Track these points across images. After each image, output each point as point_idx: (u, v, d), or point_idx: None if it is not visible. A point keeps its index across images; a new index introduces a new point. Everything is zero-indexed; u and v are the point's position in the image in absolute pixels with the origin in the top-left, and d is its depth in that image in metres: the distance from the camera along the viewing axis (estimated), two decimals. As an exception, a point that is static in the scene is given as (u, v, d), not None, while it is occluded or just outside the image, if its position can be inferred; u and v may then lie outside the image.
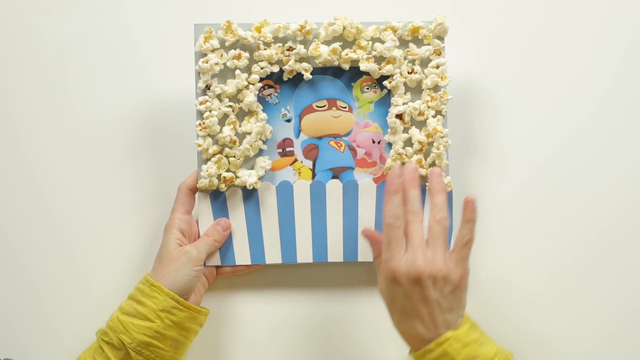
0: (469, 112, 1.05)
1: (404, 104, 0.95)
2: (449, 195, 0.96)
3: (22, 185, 1.03)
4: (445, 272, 0.82)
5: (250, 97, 0.93)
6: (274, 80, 0.97)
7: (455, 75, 0.99)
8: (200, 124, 0.93)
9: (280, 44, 0.94)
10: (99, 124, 1.04)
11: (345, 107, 0.97)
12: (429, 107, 0.95)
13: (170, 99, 1.04)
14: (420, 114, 0.95)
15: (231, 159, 0.94)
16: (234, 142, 0.94)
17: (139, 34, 1.06)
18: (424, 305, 0.81)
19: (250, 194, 0.96)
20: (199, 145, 0.93)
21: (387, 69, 0.94)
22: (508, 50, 1.06)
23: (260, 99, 0.96)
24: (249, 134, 0.94)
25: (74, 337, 1.00)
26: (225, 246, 0.96)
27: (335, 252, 0.96)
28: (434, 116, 0.95)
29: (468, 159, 1.03)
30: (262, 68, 0.94)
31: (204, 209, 0.96)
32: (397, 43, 0.94)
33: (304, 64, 0.94)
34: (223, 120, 0.95)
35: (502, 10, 1.07)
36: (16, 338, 1.01)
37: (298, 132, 0.97)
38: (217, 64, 0.93)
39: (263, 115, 0.94)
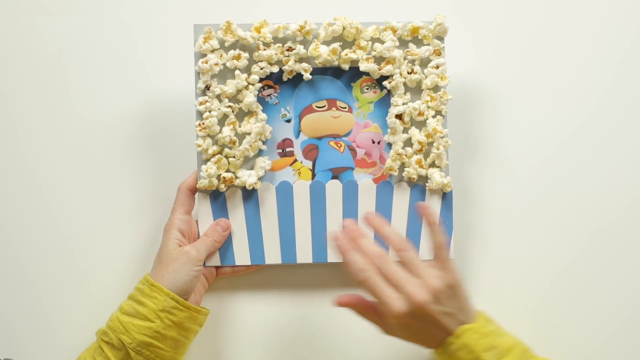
0: (469, 112, 1.05)
1: (403, 104, 0.95)
2: (449, 195, 0.96)
3: (22, 185, 1.03)
4: (441, 286, 0.82)
5: (249, 98, 0.93)
6: (273, 80, 0.97)
7: (455, 75, 0.99)
8: (199, 124, 0.93)
9: (280, 44, 0.94)
10: (98, 124, 1.04)
11: (345, 108, 0.97)
12: (428, 107, 0.95)
13: (170, 99, 1.04)
14: (420, 114, 0.95)
15: (231, 159, 0.94)
16: (234, 143, 0.93)
17: (139, 34, 1.06)
18: (438, 322, 0.82)
19: (250, 194, 0.96)
20: (199, 146, 0.93)
21: (386, 69, 0.94)
22: (508, 51, 1.06)
23: (260, 99, 0.96)
24: (249, 134, 0.94)
25: (74, 337, 1.00)
26: (225, 246, 0.96)
27: (334, 253, 0.95)
28: (433, 116, 0.95)
29: (468, 159, 1.03)
30: (261, 68, 0.94)
31: (203, 209, 0.95)
32: (397, 43, 0.94)
33: (304, 64, 0.94)
34: (223, 120, 0.94)
35: (502, 10, 1.07)
36: (16, 338, 1.01)
37: (298, 133, 0.97)
38: (216, 64, 0.93)
39: (263, 116, 0.94)
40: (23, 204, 1.03)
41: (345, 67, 0.95)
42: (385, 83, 0.95)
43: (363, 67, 0.94)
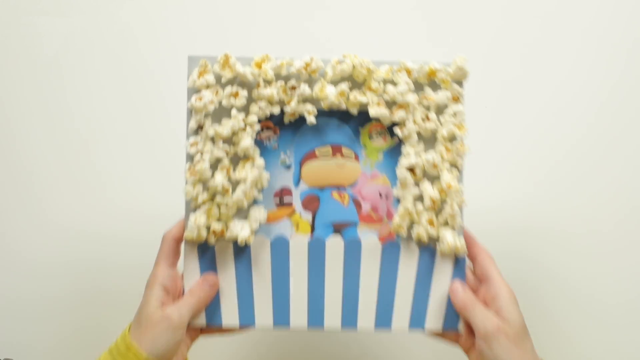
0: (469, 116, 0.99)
1: (415, 154, 0.85)
2: (462, 262, 0.86)
3: (20, 185, 1.07)
4: None
5: (246, 141, 0.84)
6: (273, 121, 0.87)
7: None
8: (189, 169, 0.84)
9: (283, 82, 0.84)
10: (95, 124, 1.07)
11: (351, 155, 0.88)
12: (443, 159, 0.85)
13: (167, 101, 1.06)
14: (434, 166, 0.85)
15: (222, 207, 0.86)
16: (227, 191, 0.85)
17: (139, 35, 1.08)
18: None
19: (242, 248, 0.87)
20: (188, 193, 0.84)
21: (399, 115, 0.84)
22: (508, 55, 1.06)
23: (257, 142, 0.87)
24: (244, 181, 0.85)
25: (73, 337, 1.02)
26: (212, 304, 0.87)
27: (332, 318, 0.87)
28: (448, 170, 0.85)
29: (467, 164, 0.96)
30: (260, 108, 0.85)
31: (190, 262, 0.87)
32: (412, 86, 0.84)
33: (308, 106, 0.85)
34: (215, 164, 0.86)
35: (501, 12, 1.08)
36: (16, 338, 1.03)
37: (298, 181, 0.88)
38: (211, 102, 0.84)
39: (260, 162, 0.85)
40: (21, 204, 1.07)
41: (354, 111, 0.86)
42: (397, 130, 0.85)
43: (373, 112, 0.85)
